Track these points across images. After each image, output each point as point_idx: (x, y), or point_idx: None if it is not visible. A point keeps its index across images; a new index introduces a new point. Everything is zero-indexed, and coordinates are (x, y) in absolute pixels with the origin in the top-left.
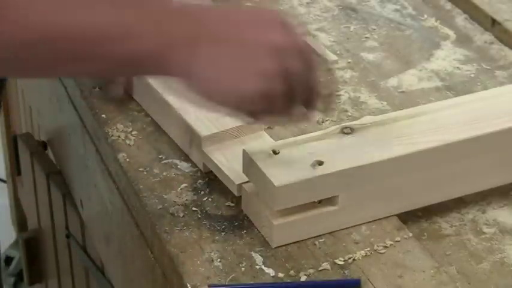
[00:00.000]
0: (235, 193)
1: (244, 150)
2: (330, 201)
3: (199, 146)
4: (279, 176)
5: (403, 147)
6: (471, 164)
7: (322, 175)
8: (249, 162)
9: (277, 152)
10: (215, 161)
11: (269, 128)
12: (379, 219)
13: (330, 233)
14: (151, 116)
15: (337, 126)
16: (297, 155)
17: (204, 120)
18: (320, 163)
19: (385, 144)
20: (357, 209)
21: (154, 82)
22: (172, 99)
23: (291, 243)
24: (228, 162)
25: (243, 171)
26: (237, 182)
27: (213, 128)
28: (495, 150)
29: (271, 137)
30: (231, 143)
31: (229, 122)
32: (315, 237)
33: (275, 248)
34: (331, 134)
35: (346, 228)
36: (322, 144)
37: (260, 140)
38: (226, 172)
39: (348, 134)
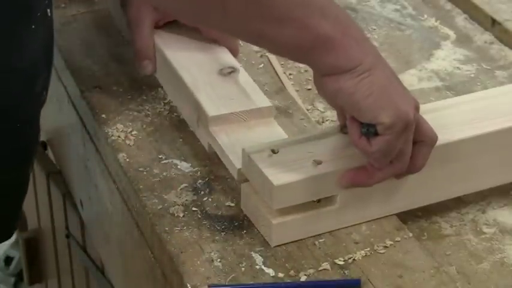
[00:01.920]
0: (236, 177)
1: (243, 150)
2: (329, 200)
3: (206, 126)
4: (278, 175)
5: None
6: (471, 163)
7: (321, 174)
8: (248, 162)
9: (277, 151)
10: (220, 143)
11: None
12: (379, 219)
13: (329, 232)
14: (166, 93)
15: (336, 125)
16: (296, 154)
17: (215, 99)
18: (319, 162)
19: None
20: (356, 208)
21: (171, 57)
22: (187, 76)
23: (291, 244)
24: (233, 146)
25: (242, 170)
26: (238, 167)
27: (222, 108)
28: (495, 149)
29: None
30: (239, 126)
31: (239, 104)
32: (314, 236)
33: (275, 247)
34: (331, 134)
35: (346, 227)
36: (322, 143)
37: (269, 127)
38: (229, 155)
39: (347, 133)
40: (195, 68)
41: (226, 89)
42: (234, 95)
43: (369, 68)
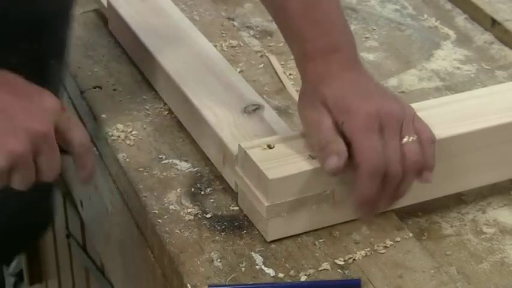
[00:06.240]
0: (264, 215)
1: (239, 145)
2: (325, 195)
3: (233, 164)
4: (273, 169)
5: None
6: (468, 159)
7: (317, 169)
8: (244, 156)
9: (272, 146)
10: (247, 181)
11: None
12: (379, 218)
13: (329, 232)
14: (189, 132)
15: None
16: (291, 150)
17: (239, 137)
18: (314, 157)
19: None
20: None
21: (194, 97)
22: (209, 115)
23: (291, 244)
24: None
25: (238, 166)
26: (266, 204)
27: None
28: (492, 146)
29: None
30: None
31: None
32: (314, 236)
33: (275, 248)
34: None
35: (345, 227)
36: None
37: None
38: (257, 194)
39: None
40: (219, 107)
41: (251, 126)
42: (259, 132)
43: None
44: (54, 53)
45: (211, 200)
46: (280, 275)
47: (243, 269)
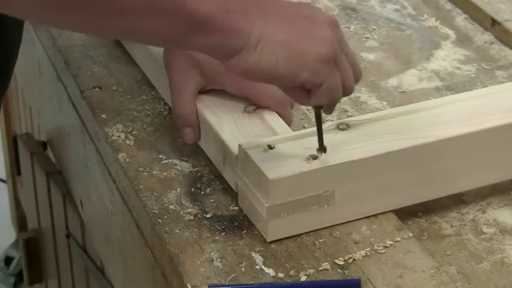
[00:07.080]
0: (265, 216)
1: (239, 145)
2: (325, 195)
3: (233, 165)
4: (273, 170)
5: (399, 142)
6: (469, 160)
7: (316, 169)
8: (244, 157)
9: (273, 146)
10: (247, 181)
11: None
12: (379, 219)
13: (329, 232)
14: None
15: (333, 122)
16: (292, 150)
17: (240, 137)
18: (315, 157)
19: (380, 139)
20: (353, 203)
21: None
22: (209, 115)
23: (291, 244)
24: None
25: (239, 166)
26: (266, 205)
27: None
28: (493, 146)
29: None
30: None
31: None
32: (314, 236)
33: (275, 248)
34: (327, 130)
35: (345, 227)
36: None
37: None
38: (257, 195)
39: (343, 129)
40: (219, 108)
41: (251, 127)
42: (259, 132)
43: (260, 34)
44: (18, 43)
45: (211, 200)
46: (280, 275)
47: (243, 269)
